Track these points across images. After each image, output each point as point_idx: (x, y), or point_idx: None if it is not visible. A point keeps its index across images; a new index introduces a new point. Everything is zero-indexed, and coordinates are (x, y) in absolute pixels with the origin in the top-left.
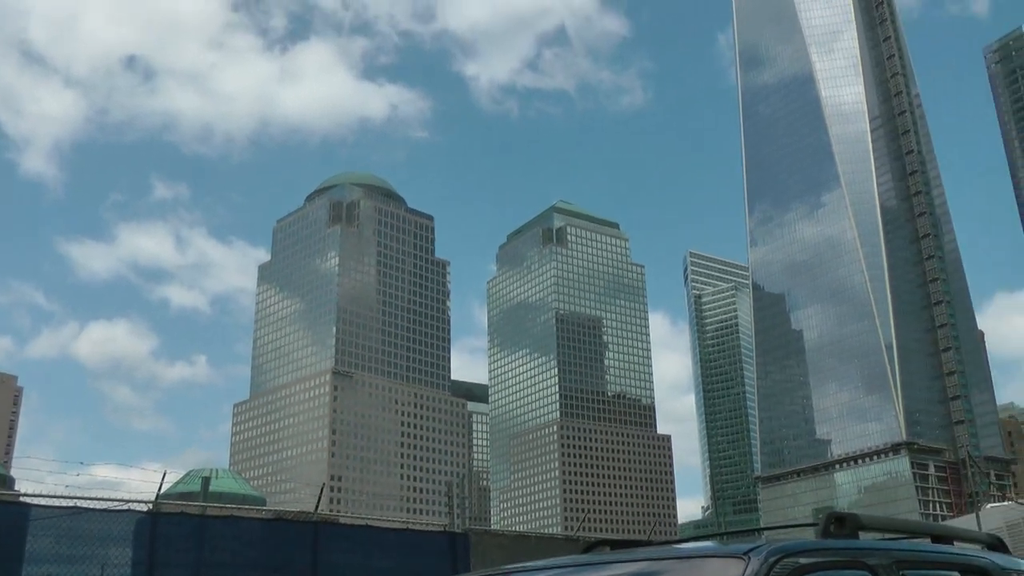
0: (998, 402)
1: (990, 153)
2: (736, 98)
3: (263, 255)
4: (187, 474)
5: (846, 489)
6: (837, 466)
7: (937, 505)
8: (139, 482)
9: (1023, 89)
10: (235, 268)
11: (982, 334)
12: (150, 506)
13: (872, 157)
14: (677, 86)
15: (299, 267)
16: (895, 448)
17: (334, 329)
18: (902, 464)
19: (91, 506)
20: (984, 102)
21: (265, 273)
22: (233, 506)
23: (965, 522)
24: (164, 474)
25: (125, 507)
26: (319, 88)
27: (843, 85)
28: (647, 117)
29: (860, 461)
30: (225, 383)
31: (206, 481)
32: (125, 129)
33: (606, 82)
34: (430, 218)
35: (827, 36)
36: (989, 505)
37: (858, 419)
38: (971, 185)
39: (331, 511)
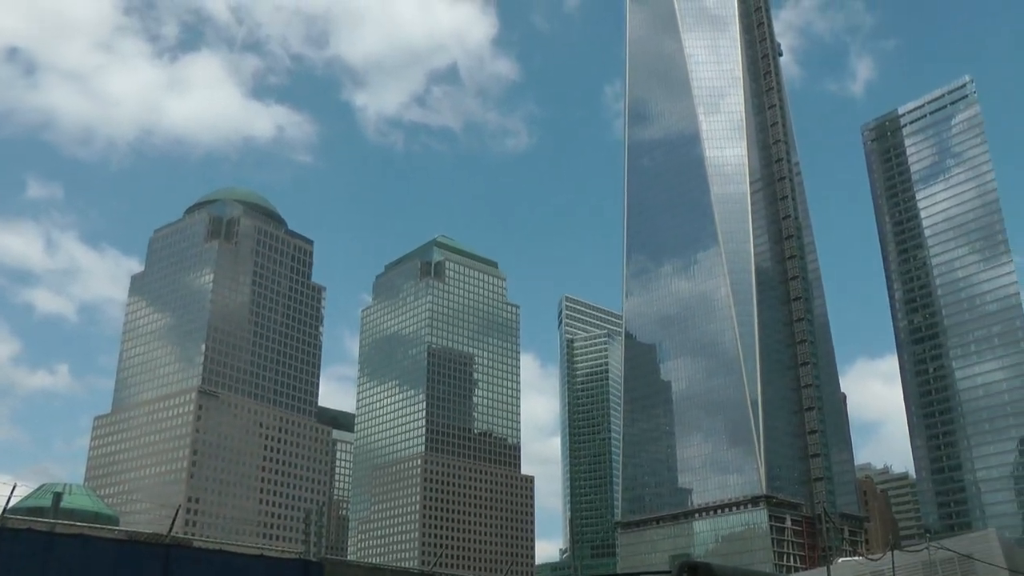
0: (856, 462)
1: (863, 227)
2: (621, 150)
3: (135, 265)
4: (39, 488)
5: (704, 538)
6: (697, 515)
7: (792, 557)
8: None
9: (896, 168)
10: (105, 276)
11: (844, 396)
12: None
13: (750, 218)
14: (562, 133)
15: (173, 280)
16: (754, 500)
17: (203, 347)
18: (760, 516)
19: None
20: (860, 177)
21: (137, 284)
22: (84, 524)
23: (816, 575)
24: (13, 487)
25: None
26: (206, 101)
27: (727, 147)
28: (531, 161)
29: (719, 511)
30: (87, 395)
31: (58, 497)
32: (1, 122)
33: (492, 123)
34: (310, 242)
35: (715, 98)
36: (841, 560)
37: (720, 471)
38: (843, 255)
39: (186, 534)
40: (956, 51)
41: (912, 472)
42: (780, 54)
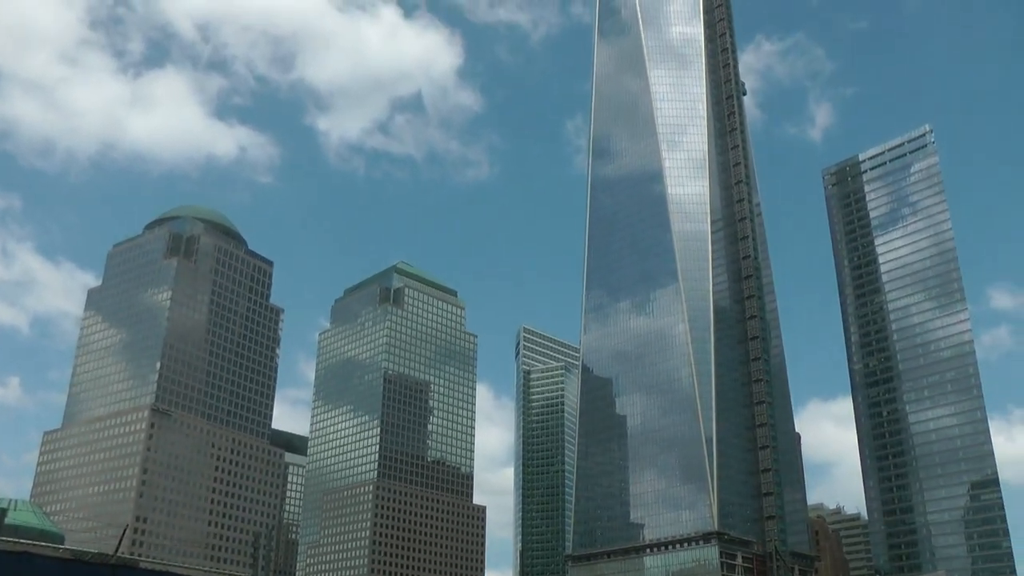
0: (808, 502)
1: (822, 269)
2: (581, 183)
3: (91, 279)
4: None
5: (655, 573)
6: (648, 550)
7: None
8: None
9: (855, 213)
10: (60, 289)
11: (799, 436)
12: None
13: (710, 257)
14: (523, 165)
15: (130, 296)
16: (706, 537)
17: (158, 364)
18: (711, 553)
19: None
20: (819, 220)
21: (94, 298)
22: (28, 542)
23: None
24: None
25: None
26: (169, 119)
27: (689, 185)
28: (492, 192)
29: (671, 547)
30: (37, 409)
31: (2, 512)
32: None
33: (454, 153)
34: (269, 263)
35: (678, 136)
36: None
37: (672, 506)
38: (801, 296)
39: (132, 554)
40: (915, 100)
41: (864, 513)
42: (744, 92)
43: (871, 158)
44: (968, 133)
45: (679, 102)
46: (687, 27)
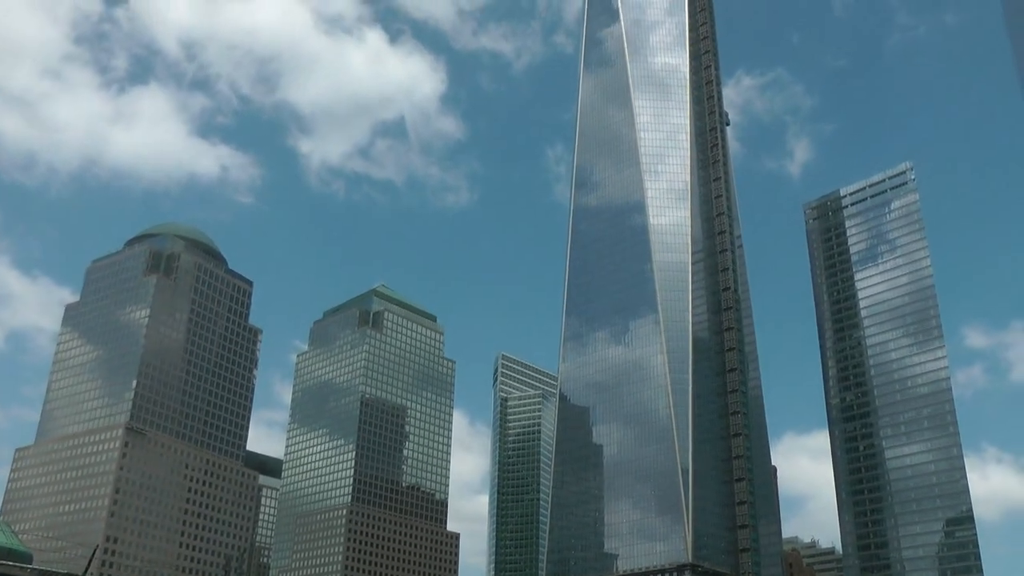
0: (783, 535)
1: (801, 302)
2: (562, 211)
3: (68, 295)
4: None
5: None
6: None
7: None
8: None
9: (836, 248)
10: (37, 305)
11: (775, 469)
12: None
13: (690, 288)
14: (503, 192)
15: (107, 313)
16: (680, 569)
17: (134, 382)
18: None
19: None
20: (799, 254)
21: (71, 314)
22: None
23: None
24: None
25: None
26: (151, 136)
27: (671, 216)
28: (472, 218)
29: None
30: (9, 425)
31: None
32: None
33: (434, 178)
34: (249, 283)
35: (661, 168)
36: None
37: (647, 537)
38: (780, 329)
39: (102, 575)
40: (893, 137)
41: (839, 547)
42: (728, 123)
43: (852, 193)
44: (947, 169)
45: (662, 132)
46: (672, 57)
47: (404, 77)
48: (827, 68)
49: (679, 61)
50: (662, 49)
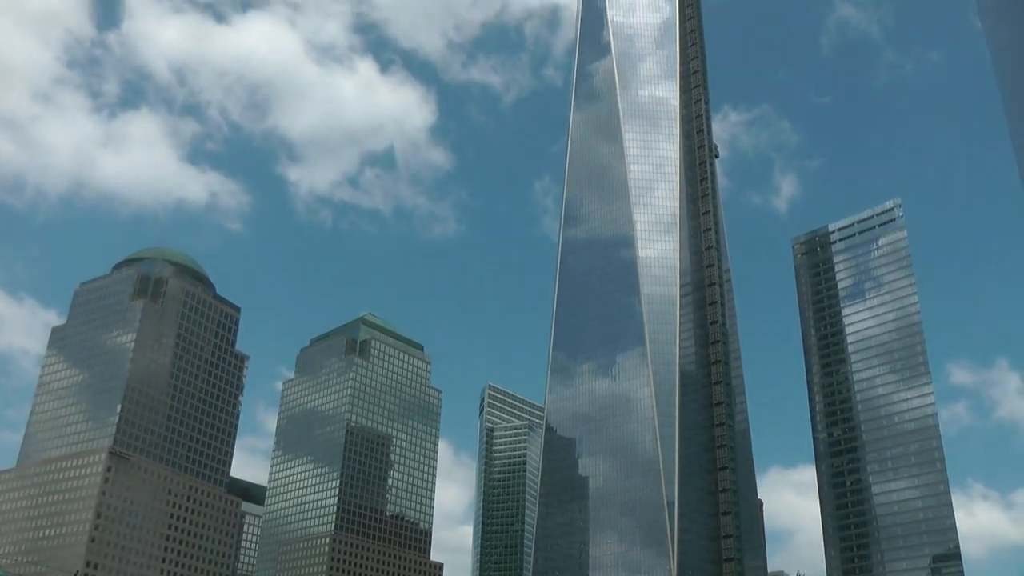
0: (768, 569)
1: (788, 337)
2: (548, 243)
3: (54, 317)
4: None
5: None
6: None
7: None
8: None
9: (823, 283)
10: (21, 327)
11: (761, 503)
12: None
13: (678, 321)
14: (491, 224)
15: (94, 336)
16: None
17: (118, 407)
18: None
19: None
20: (787, 289)
21: (57, 337)
22: None
23: None
24: None
25: None
26: (141, 160)
27: (660, 249)
28: (459, 248)
29: None
30: None
31: None
32: None
33: (422, 209)
34: (237, 309)
35: (651, 201)
36: None
37: (632, 570)
38: (767, 363)
39: None
40: (879, 174)
41: None
42: (717, 155)
43: (840, 229)
44: (935, 206)
45: (652, 165)
46: (662, 90)
47: (394, 107)
48: (813, 105)
49: (669, 94)
50: (652, 82)
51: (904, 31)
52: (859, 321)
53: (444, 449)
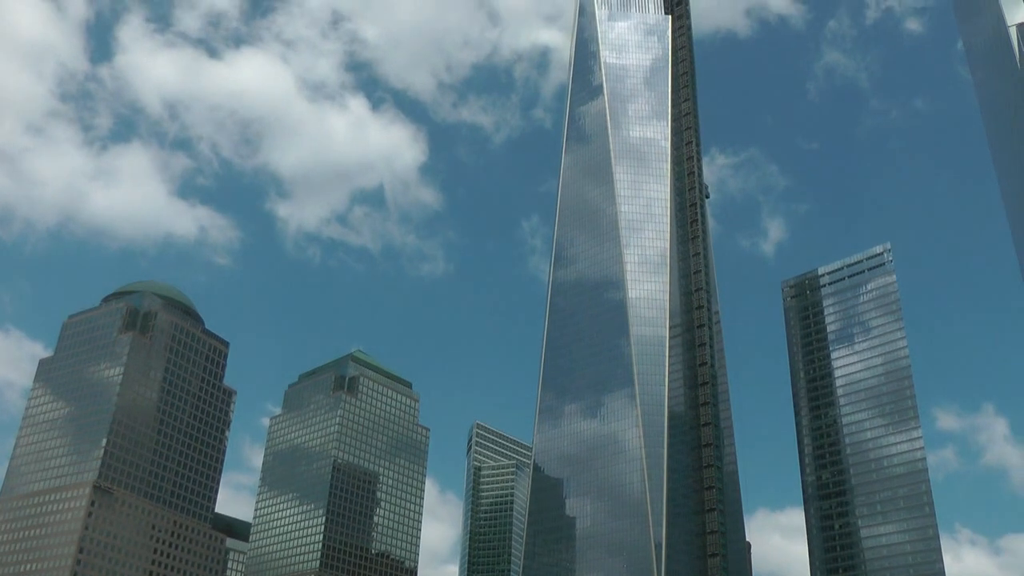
0: None
1: (777, 379)
2: (536, 283)
3: (40, 350)
4: None
5: None
6: None
7: None
8: None
9: (813, 326)
10: (8, 359)
11: (749, 545)
12: None
13: (667, 362)
14: (479, 263)
15: (81, 369)
16: None
17: (104, 441)
18: None
19: None
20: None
21: (44, 369)
22: None
23: None
24: None
25: None
26: (131, 194)
27: (649, 291)
28: (448, 286)
29: None
30: None
31: None
32: None
33: (410, 247)
34: (225, 344)
35: (641, 241)
36: None
37: None
38: (756, 405)
39: None
40: (866, 218)
41: None
42: (707, 196)
43: (830, 273)
44: (924, 250)
45: (642, 206)
46: (654, 131)
47: (385, 146)
48: (800, 150)
49: (661, 135)
50: (644, 122)
51: (890, 78)
52: (848, 365)
53: (430, 487)
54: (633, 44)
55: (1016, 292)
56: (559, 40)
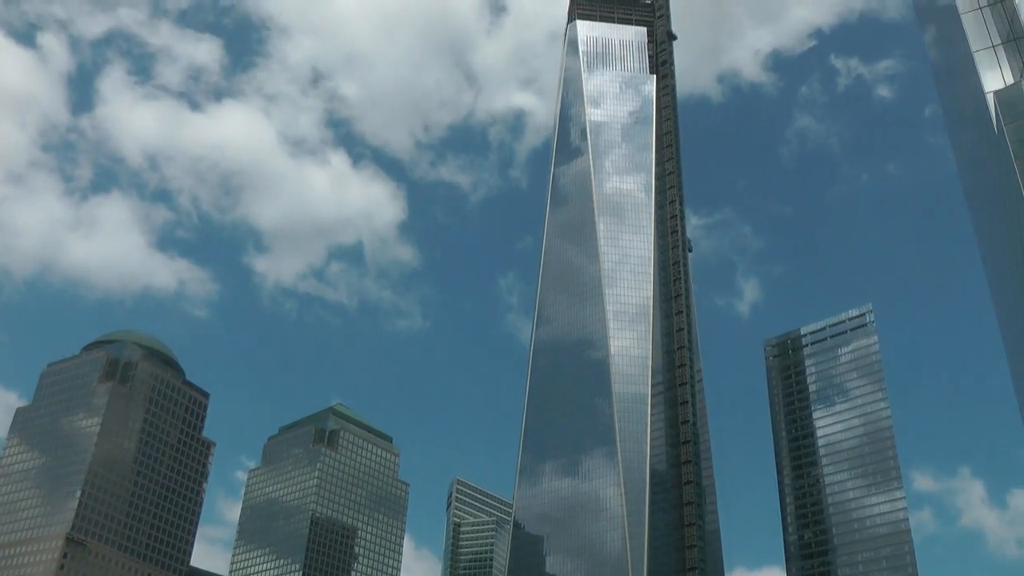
0: None
1: (759, 438)
2: (514, 340)
3: (14, 399)
4: None
5: None
6: None
7: None
8: None
9: (794, 385)
10: None
11: None
12: None
13: (649, 420)
14: (456, 320)
15: (58, 419)
16: None
17: (78, 492)
18: None
19: None
20: (758, 391)
21: (20, 418)
22: None
23: None
24: None
25: None
26: (110, 245)
27: (632, 349)
28: (426, 343)
29: None
30: None
31: None
32: None
33: (387, 302)
34: (206, 395)
35: (623, 299)
36: None
37: None
38: (738, 464)
39: None
40: (840, 280)
41: None
42: (690, 249)
43: (811, 333)
44: (905, 312)
45: (626, 266)
46: (637, 187)
47: (365, 202)
48: (773, 213)
49: (643, 191)
50: (628, 180)
51: (861, 143)
52: (830, 425)
53: (406, 542)
54: (618, 101)
55: (992, 354)
56: (534, 104)
